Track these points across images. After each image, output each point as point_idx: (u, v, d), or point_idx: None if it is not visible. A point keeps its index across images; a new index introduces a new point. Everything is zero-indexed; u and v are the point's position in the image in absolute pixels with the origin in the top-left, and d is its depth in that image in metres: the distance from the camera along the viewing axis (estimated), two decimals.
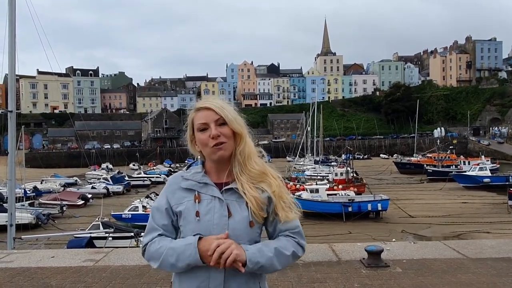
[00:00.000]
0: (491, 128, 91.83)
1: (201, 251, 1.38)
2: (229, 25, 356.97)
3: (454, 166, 46.77)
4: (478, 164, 39.11)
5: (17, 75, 10.63)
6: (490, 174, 36.11)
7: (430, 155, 55.19)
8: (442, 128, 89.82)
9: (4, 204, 21.91)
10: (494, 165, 46.26)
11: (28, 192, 30.59)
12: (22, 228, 15.36)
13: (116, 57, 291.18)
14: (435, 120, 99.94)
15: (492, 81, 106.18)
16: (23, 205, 24.01)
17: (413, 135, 79.51)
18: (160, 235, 1.48)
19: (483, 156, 48.44)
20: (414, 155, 64.20)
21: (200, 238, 1.40)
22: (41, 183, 39.26)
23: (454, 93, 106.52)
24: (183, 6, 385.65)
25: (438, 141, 57.39)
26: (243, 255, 1.37)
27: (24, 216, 20.00)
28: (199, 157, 1.54)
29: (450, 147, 57.01)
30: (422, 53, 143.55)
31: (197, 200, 1.45)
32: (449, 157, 51.97)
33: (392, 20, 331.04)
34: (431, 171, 43.62)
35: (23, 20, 10.49)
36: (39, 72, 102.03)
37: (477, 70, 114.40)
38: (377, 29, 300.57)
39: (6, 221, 10.40)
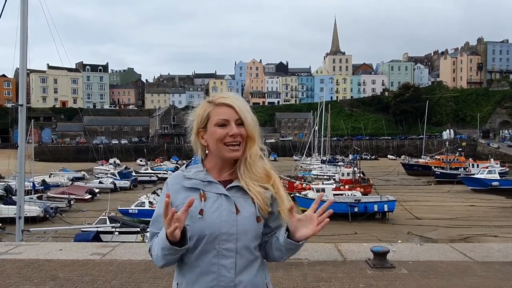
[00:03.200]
0: (501, 131, 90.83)
1: None
2: (237, 21, 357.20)
3: (462, 168, 46.29)
4: (487, 167, 38.73)
5: (27, 70, 10.70)
6: (499, 178, 35.71)
7: (439, 157, 54.74)
8: (451, 130, 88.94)
9: (13, 197, 22.19)
10: (503, 168, 45.75)
11: (36, 185, 30.89)
12: (30, 220, 15.55)
13: (125, 53, 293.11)
14: (444, 122, 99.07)
15: (503, 83, 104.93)
16: (32, 198, 24.25)
17: (421, 136, 78.84)
18: None
19: (492, 159, 48.00)
20: (422, 156, 63.65)
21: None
22: (50, 176, 39.61)
23: (464, 95, 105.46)
24: (190, 1, 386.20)
25: (447, 143, 56.85)
26: None
27: (33, 209, 20.24)
28: (199, 151, 1.53)
29: (459, 149, 56.46)
30: (432, 54, 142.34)
31: (202, 199, 1.44)
32: (457, 159, 51.50)
33: (403, 20, 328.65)
34: (439, 173, 43.25)
35: (31, 14, 10.52)
36: (49, 67, 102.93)
37: (488, 72, 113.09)
38: (387, 28, 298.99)
39: (15, 214, 10.52)
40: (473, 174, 38.60)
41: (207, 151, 1.52)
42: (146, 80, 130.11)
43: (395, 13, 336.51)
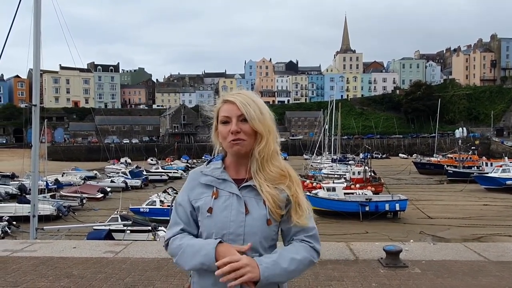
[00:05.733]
0: None
1: (218, 254, 1.35)
2: (246, 20, 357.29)
3: (475, 167, 45.61)
4: (501, 166, 38.01)
5: (40, 70, 10.85)
6: None
7: (451, 156, 54.03)
8: (464, 128, 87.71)
9: (27, 196, 22.56)
10: None
11: (50, 184, 31.33)
12: (44, 219, 15.79)
13: (134, 53, 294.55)
14: (457, 120, 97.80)
15: None
16: (45, 197, 24.61)
17: (433, 135, 77.96)
18: (182, 229, 1.48)
19: (506, 158, 47.08)
20: (434, 155, 62.96)
21: (221, 242, 1.38)
22: (62, 176, 40.18)
23: (477, 92, 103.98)
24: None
25: (460, 141, 56.02)
26: (257, 276, 1.33)
27: (46, 207, 20.53)
28: (220, 148, 1.52)
29: (472, 147, 55.56)
30: (444, 51, 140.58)
31: (214, 196, 1.44)
32: (470, 158, 50.76)
33: (414, 17, 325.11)
34: (451, 172, 42.69)
35: (43, 14, 10.65)
36: (61, 67, 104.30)
37: (502, 69, 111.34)
38: (398, 25, 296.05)
39: (29, 212, 10.69)
40: (487, 173, 37.98)
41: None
42: (157, 79, 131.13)
43: (406, 10, 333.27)
